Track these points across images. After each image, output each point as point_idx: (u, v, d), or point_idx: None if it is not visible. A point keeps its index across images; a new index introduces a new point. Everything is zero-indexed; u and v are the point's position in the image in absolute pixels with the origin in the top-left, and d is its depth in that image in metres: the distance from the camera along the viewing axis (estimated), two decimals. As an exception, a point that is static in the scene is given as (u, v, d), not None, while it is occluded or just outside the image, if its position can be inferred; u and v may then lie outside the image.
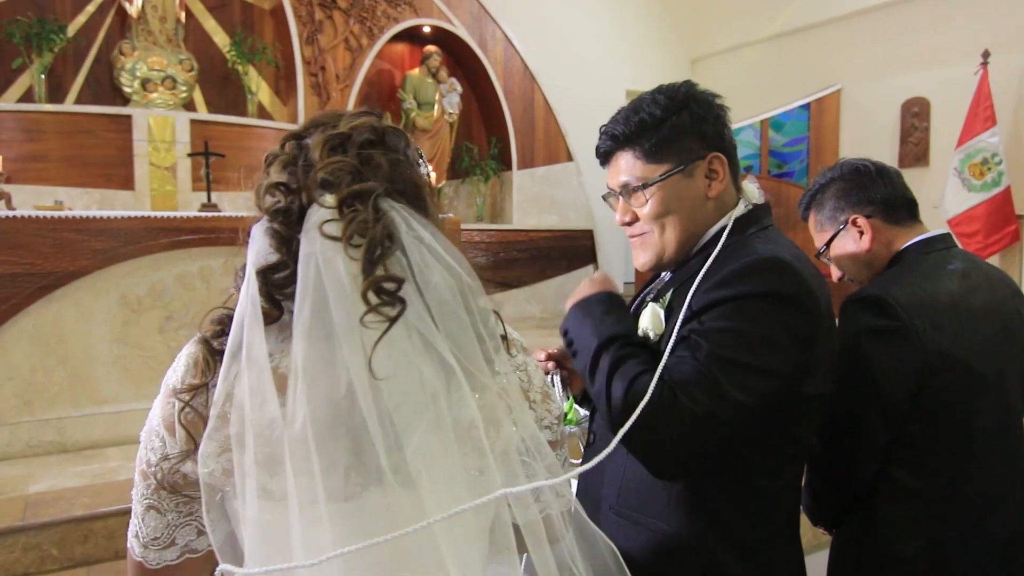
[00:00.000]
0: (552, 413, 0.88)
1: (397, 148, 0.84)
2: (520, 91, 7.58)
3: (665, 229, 1.19)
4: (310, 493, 0.71)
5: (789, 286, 1.07)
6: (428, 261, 0.75)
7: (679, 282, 1.19)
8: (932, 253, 1.52)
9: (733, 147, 1.22)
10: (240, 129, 6.29)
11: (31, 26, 5.54)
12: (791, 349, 1.05)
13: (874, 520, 1.43)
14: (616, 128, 1.21)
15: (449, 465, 0.74)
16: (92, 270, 3.43)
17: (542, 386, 0.89)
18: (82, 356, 3.46)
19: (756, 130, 8.27)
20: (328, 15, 6.72)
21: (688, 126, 1.18)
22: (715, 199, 1.19)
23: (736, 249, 1.14)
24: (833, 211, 1.62)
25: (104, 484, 2.98)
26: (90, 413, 3.47)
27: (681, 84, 1.22)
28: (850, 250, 1.59)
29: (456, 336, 0.75)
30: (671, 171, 1.17)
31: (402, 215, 0.77)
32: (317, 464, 0.71)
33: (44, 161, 5.62)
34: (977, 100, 6.31)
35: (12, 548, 2.56)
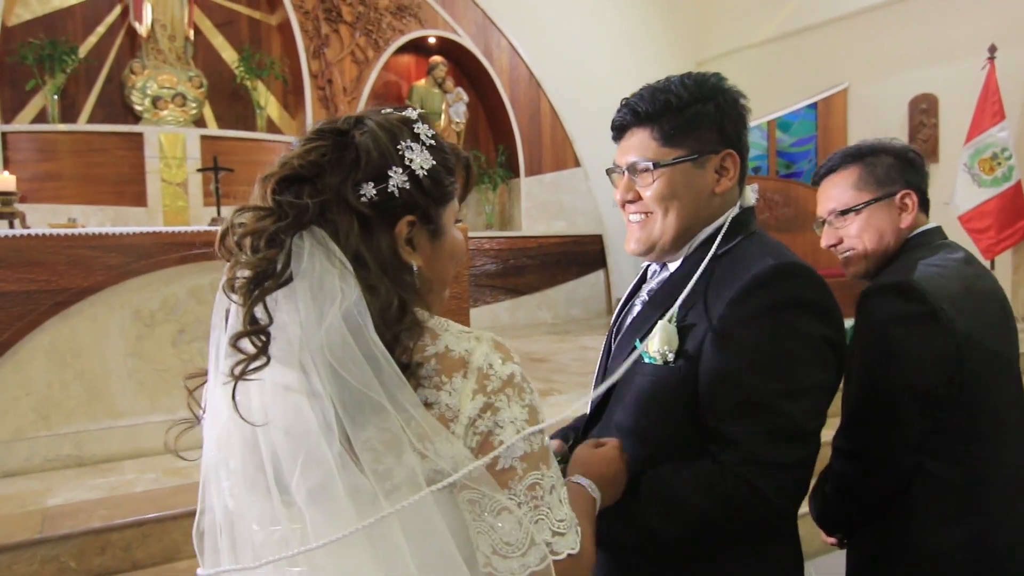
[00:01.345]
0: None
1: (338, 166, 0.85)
2: (526, 99, 7.62)
3: (667, 214, 1.16)
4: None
5: (814, 291, 1.06)
6: (320, 302, 0.79)
7: (674, 288, 1.16)
8: (934, 243, 1.54)
9: (747, 149, 1.20)
10: (250, 143, 6.38)
11: (43, 48, 5.66)
12: (829, 355, 1.07)
13: (908, 516, 1.40)
14: (640, 104, 1.18)
15: (333, 502, 0.79)
16: (106, 286, 3.48)
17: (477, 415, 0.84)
18: (98, 370, 3.51)
19: (763, 131, 8.25)
20: (334, 29, 6.80)
21: (711, 116, 1.15)
22: (720, 196, 1.17)
23: (738, 256, 1.12)
24: (886, 177, 1.56)
25: (121, 496, 3.01)
26: (106, 427, 3.51)
27: (711, 74, 1.20)
28: (883, 223, 1.55)
29: (345, 377, 0.78)
30: (684, 157, 1.15)
31: (313, 256, 0.81)
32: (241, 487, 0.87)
33: (58, 180, 5.72)
34: (985, 95, 6.27)
35: (31, 561, 2.60)
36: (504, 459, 0.82)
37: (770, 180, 8.08)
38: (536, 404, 0.87)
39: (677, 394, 1.08)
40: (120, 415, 3.55)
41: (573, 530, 0.86)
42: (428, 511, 0.79)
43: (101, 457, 3.48)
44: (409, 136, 0.89)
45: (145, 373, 3.61)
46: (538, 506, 0.83)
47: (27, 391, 3.37)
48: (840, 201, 1.58)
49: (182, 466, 3.43)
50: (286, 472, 0.81)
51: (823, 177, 1.65)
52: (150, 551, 2.77)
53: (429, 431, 0.79)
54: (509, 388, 0.84)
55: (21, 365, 3.35)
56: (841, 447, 1.46)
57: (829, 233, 1.62)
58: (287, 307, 0.80)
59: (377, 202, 0.84)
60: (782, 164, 8.43)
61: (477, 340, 0.86)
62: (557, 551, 0.83)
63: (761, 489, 1.00)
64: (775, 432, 1.01)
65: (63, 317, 3.41)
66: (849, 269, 1.63)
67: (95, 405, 3.50)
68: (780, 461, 1.01)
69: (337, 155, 0.85)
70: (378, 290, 0.80)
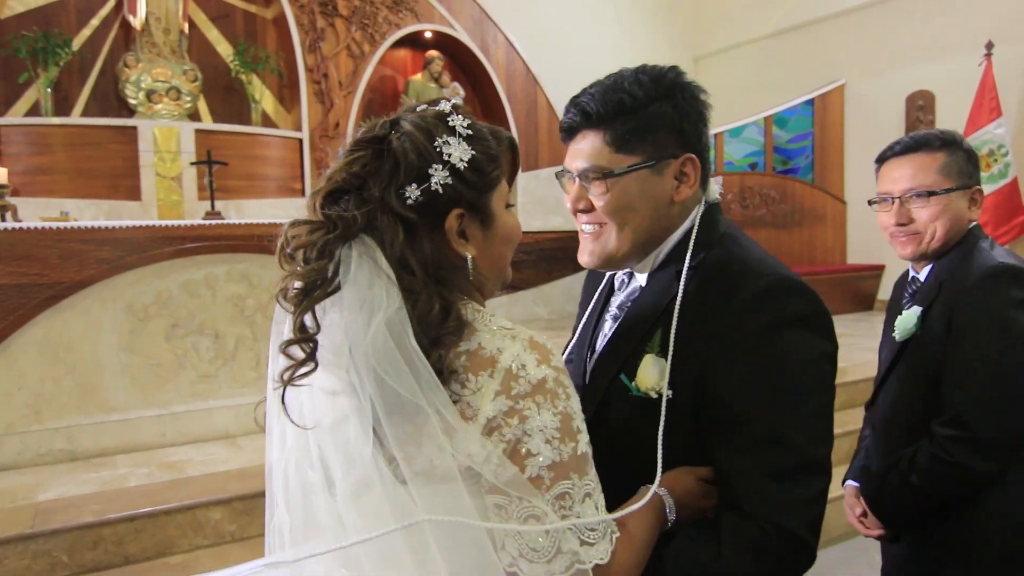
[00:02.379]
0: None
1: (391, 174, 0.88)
2: (523, 94, 7.60)
3: (623, 226, 1.07)
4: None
5: (806, 306, 1.00)
6: (374, 307, 0.82)
7: (646, 308, 1.09)
8: (985, 237, 1.60)
9: (708, 150, 1.11)
10: (245, 138, 6.34)
11: (36, 41, 5.60)
12: (829, 371, 1.02)
13: (1004, 494, 1.46)
14: (589, 104, 1.06)
15: (369, 501, 0.83)
16: (98, 279, 3.46)
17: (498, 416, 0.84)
18: (90, 365, 3.49)
19: (760, 127, 8.24)
20: (330, 23, 6.76)
21: (669, 118, 1.05)
22: (680, 203, 1.08)
23: (716, 269, 1.04)
24: (966, 169, 1.60)
25: (114, 491, 3.00)
26: (99, 421, 3.50)
27: (668, 69, 1.08)
28: (959, 212, 1.58)
29: (387, 381, 0.80)
30: (639, 165, 1.04)
31: (360, 266, 0.84)
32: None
33: (52, 174, 5.68)
34: (982, 92, 6.27)
35: (23, 555, 2.58)
36: (531, 468, 0.82)
37: (767, 176, 8.08)
38: (571, 411, 0.85)
39: (670, 425, 1.01)
40: (113, 409, 3.53)
41: (606, 540, 0.85)
42: (460, 499, 0.81)
43: (93, 452, 3.47)
44: (445, 130, 0.89)
45: (138, 368, 3.59)
46: (567, 516, 0.83)
47: (19, 385, 3.35)
48: (921, 182, 1.59)
49: (175, 460, 3.41)
50: (333, 471, 0.85)
51: (899, 155, 1.64)
52: (143, 546, 2.75)
53: (455, 427, 0.81)
54: (540, 395, 0.83)
55: (13, 359, 3.33)
56: (957, 435, 1.44)
57: (901, 211, 1.61)
58: (334, 314, 0.84)
59: (423, 202, 0.86)
60: (779, 160, 8.42)
61: (512, 339, 0.85)
62: (584, 561, 0.83)
63: (793, 530, 0.93)
64: (793, 468, 0.94)
65: (55, 311, 3.39)
66: (907, 249, 1.63)
67: (88, 399, 3.48)
68: (805, 496, 0.94)
69: (377, 163, 0.87)
70: (419, 297, 0.82)
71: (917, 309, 1.58)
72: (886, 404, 1.67)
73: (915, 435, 1.54)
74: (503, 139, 0.97)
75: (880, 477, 1.61)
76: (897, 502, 1.56)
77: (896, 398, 1.63)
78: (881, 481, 1.60)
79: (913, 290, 1.67)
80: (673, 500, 0.98)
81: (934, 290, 1.57)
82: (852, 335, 6.10)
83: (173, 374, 3.66)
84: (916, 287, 1.66)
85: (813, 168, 8.42)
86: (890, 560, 1.70)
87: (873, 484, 1.63)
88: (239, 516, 2.93)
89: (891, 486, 1.56)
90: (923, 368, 1.56)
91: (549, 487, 0.82)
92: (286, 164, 6.63)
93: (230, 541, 2.89)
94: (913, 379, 1.59)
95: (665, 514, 0.97)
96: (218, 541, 2.88)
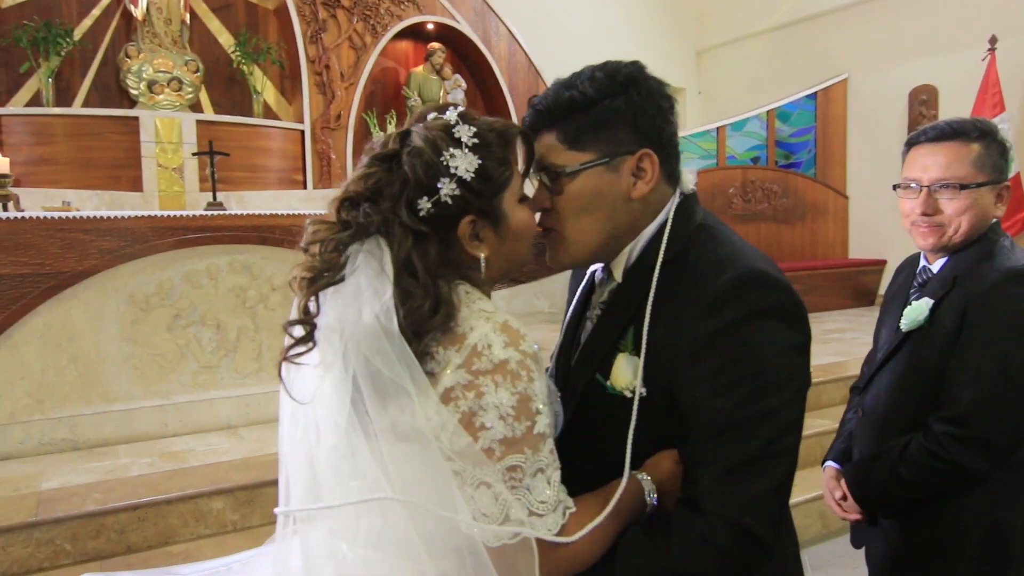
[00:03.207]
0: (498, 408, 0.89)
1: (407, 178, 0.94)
2: (524, 86, 7.59)
3: (580, 228, 1.06)
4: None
5: (776, 297, 0.98)
6: (365, 299, 0.89)
7: (621, 307, 1.08)
8: (1004, 234, 1.57)
9: (672, 144, 1.08)
10: (246, 129, 6.34)
11: (38, 30, 5.60)
12: (799, 363, 1.00)
13: (987, 493, 1.48)
14: (542, 103, 1.06)
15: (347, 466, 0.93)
16: (100, 270, 3.46)
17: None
18: (92, 355, 3.50)
19: (762, 121, 8.22)
20: (332, 14, 6.75)
21: (622, 113, 1.03)
22: (640, 200, 1.05)
23: (689, 262, 1.03)
24: (999, 164, 1.54)
25: (116, 480, 3.01)
26: (101, 411, 3.50)
27: (626, 64, 1.06)
28: (987, 207, 1.54)
29: (372, 361, 0.88)
30: (592, 162, 1.03)
31: (365, 263, 0.91)
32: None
33: (53, 164, 5.68)
34: (985, 86, 6.26)
35: (26, 543, 2.60)
36: (483, 440, 0.88)
37: (769, 170, 8.07)
38: (532, 393, 0.89)
39: (642, 422, 1.00)
40: (115, 399, 3.54)
41: (556, 514, 0.89)
42: (429, 457, 0.88)
43: (96, 441, 3.48)
44: (450, 143, 0.94)
45: (140, 358, 3.59)
46: (515, 487, 0.88)
47: (22, 375, 3.36)
48: (954, 174, 1.52)
49: (177, 450, 3.42)
50: (322, 439, 0.94)
51: (933, 140, 1.57)
52: (145, 535, 2.77)
53: (417, 394, 0.88)
54: (499, 374, 0.88)
55: (16, 349, 3.33)
56: (956, 433, 1.44)
57: (928, 201, 1.55)
58: (333, 302, 0.92)
59: (434, 213, 0.92)
60: (781, 154, 8.42)
61: (486, 320, 0.91)
62: (530, 530, 0.87)
63: (745, 526, 0.92)
64: (754, 459, 0.93)
65: (58, 301, 3.39)
66: (929, 240, 1.58)
67: (90, 389, 3.49)
68: (763, 488, 0.93)
69: (388, 179, 0.94)
70: (413, 295, 0.89)
71: (928, 301, 1.55)
72: (880, 391, 1.65)
73: (908, 426, 1.53)
74: (512, 136, 1.00)
75: (867, 465, 1.60)
76: (883, 492, 1.56)
77: (893, 387, 1.62)
78: (868, 469, 1.59)
79: (923, 280, 1.64)
80: (654, 484, 0.99)
81: (948, 284, 1.54)
82: (853, 330, 6.11)
83: (175, 364, 3.67)
84: (927, 277, 1.63)
85: (815, 162, 8.41)
86: (874, 552, 1.70)
87: (859, 471, 1.62)
88: (241, 506, 2.94)
89: (878, 475, 1.55)
90: (925, 361, 1.55)
91: (500, 458, 0.88)
92: (288, 155, 6.63)
93: (232, 531, 2.91)
94: (913, 370, 1.58)
95: (643, 497, 0.98)
96: (220, 531, 2.89)
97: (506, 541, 0.87)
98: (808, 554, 3.88)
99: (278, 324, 3.81)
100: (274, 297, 3.89)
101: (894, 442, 1.55)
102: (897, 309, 1.66)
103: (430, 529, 0.88)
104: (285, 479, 1.00)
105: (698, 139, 7.98)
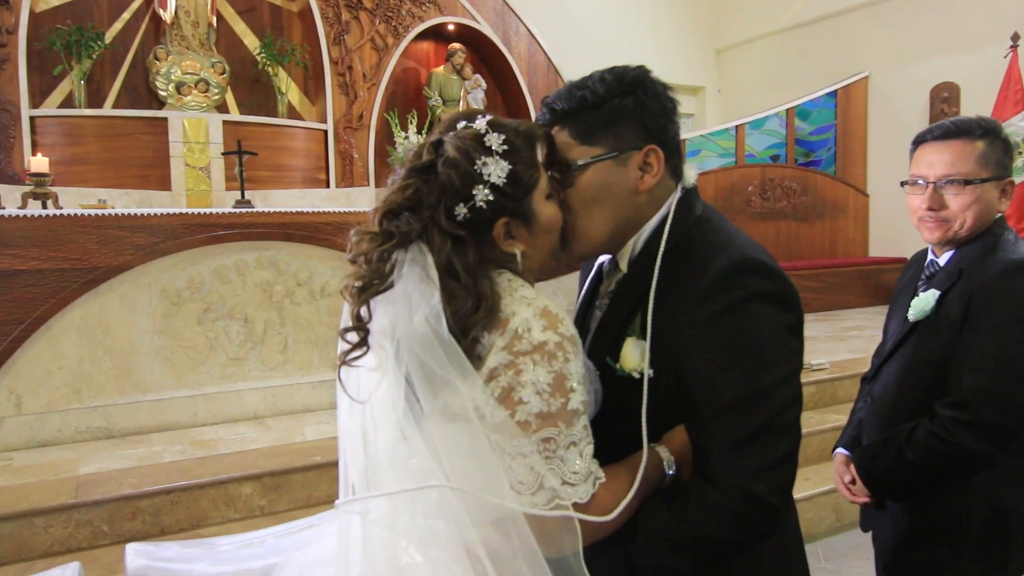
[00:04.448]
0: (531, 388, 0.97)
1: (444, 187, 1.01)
2: (544, 86, 7.64)
3: (590, 219, 1.13)
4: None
5: (771, 283, 1.05)
6: (413, 303, 0.97)
7: (628, 294, 1.15)
8: (1008, 228, 1.63)
9: (676, 142, 1.16)
10: (271, 129, 6.47)
11: (70, 34, 5.76)
12: (794, 343, 1.07)
13: (990, 476, 1.54)
14: (557, 102, 1.14)
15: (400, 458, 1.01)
16: (134, 265, 3.60)
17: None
18: (126, 347, 3.63)
19: (782, 119, 8.22)
20: (354, 15, 6.85)
21: (630, 112, 1.11)
22: (646, 192, 1.13)
23: (689, 251, 1.10)
24: (1002, 160, 1.61)
25: (150, 466, 3.13)
26: (134, 401, 3.64)
27: (634, 67, 1.15)
28: (991, 203, 1.60)
29: (424, 360, 0.95)
30: (603, 156, 1.11)
31: (411, 269, 0.98)
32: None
33: (85, 164, 5.84)
34: (1007, 84, 6.20)
35: (66, 524, 2.72)
36: (520, 414, 0.95)
37: (788, 168, 8.06)
38: (568, 372, 0.96)
39: (655, 403, 1.07)
40: (147, 390, 3.67)
41: (587, 483, 0.96)
42: (476, 435, 0.95)
43: (129, 430, 3.61)
44: (483, 152, 1.00)
45: (171, 350, 3.72)
46: (550, 457, 0.95)
47: (59, 365, 3.50)
48: (959, 170, 1.59)
49: (207, 439, 3.54)
50: (379, 436, 1.02)
51: (938, 139, 1.64)
52: (178, 517, 2.88)
53: (464, 384, 0.95)
54: (538, 354, 0.95)
55: (54, 340, 3.47)
56: (960, 417, 1.50)
57: (934, 197, 1.62)
58: (384, 306, 0.99)
59: (471, 218, 1.00)
60: (800, 152, 8.40)
61: (527, 305, 0.98)
62: (563, 498, 0.94)
63: (756, 493, 0.99)
64: (758, 432, 1.00)
65: (94, 294, 3.53)
66: (935, 235, 1.65)
67: (124, 380, 3.62)
68: (770, 459, 1.00)
69: (426, 189, 1.00)
70: (456, 296, 0.96)
71: (935, 292, 1.61)
72: (889, 380, 1.72)
73: (915, 413, 1.60)
74: (537, 137, 1.07)
75: (875, 449, 1.67)
76: (889, 474, 1.62)
77: (900, 376, 1.68)
78: (876, 453, 1.66)
79: (931, 273, 1.70)
80: (672, 456, 1.07)
81: (954, 276, 1.60)
82: (872, 327, 6.11)
83: (205, 356, 3.79)
84: (934, 270, 1.69)
85: (835, 160, 8.39)
86: (881, 535, 1.76)
87: (867, 455, 1.69)
88: (268, 491, 3.05)
89: (885, 459, 1.62)
90: (932, 350, 1.61)
91: (536, 431, 0.95)
92: (311, 155, 6.75)
93: (260, 515, 3.02)
94: (920, 359, 1.64)
95: (663, 469, 1.06)
96: (248, 515, 3.01)
97: (542, 510, 0.93)
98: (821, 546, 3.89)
99: (303, 318, 3.91)
100: (300, 292, 4.00)
101: (901, 427, 1.61)
102: (906, 301, 1.72)
103: (476, 504, 0.95)
104: (344, 464, 1.09)
105: (717, 137, 7.99)
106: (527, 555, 0.94)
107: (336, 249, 4.06)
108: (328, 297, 4.09)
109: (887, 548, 1.73)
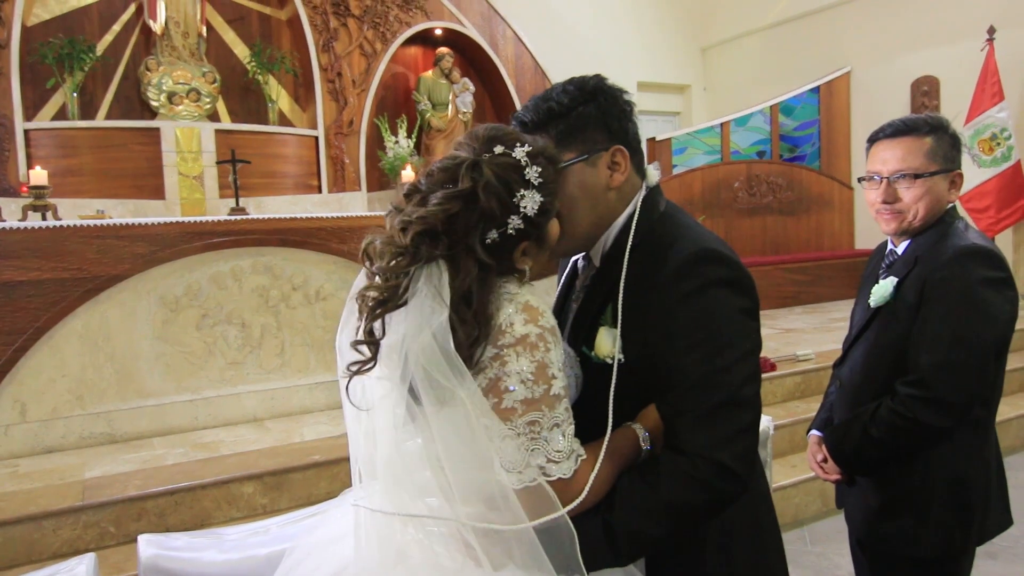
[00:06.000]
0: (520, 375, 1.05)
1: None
2: (532, 88, 7.74)
3: (572, 218, 1.22)
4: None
5: (728, 270, 1.15)
6: (424, 319, 1.02)
7: (600, 286, 1.26)
8: (959, 218, 1.77)
9: (637, 140, 1.27)
10: (263, 136, 6.55)
11: (62, 47, 5.83)
12: (751, 324, 1.18)
13: (950, 449, 1.66)
14: (525, 115, 1.25)
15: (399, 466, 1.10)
16: (133, 273, 3.68)
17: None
18: (127, 353, 3.71)
19: (766, 115, 8.34)
20: (343, 22, 6.94)
21: (594, 117, 1.22)
22: (616, 189, 1.24)
23: (653, 244, 1.20)
24: (949, 154, 1.72)
25: (153, 469, 3.22)
26: (136, 406, 3.72)
27: (591, 77, 1.26)
28: (941, 194, 1.72)
29: (431, 372, 1.01)
30: (576, 159, 1.21)
31: (425, 286, 1.02)
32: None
33: (80, 175, 5.91)
34: (984, 76, 6.35)
35: (75, 525, 2.81)
36: (507, 401, 1.04)
37: (774, 164, 8.18)
38: (549, 360, 1.05)
39: (625, 383, 1.18)
40: (149, 395, 3.75)
41: (570, 461, 1.06)
42: (468, 419, 1.04)
43: (132, 434, 3.69)
44: (522, 185, 1.07)
45: (171, 356, 3.80)
46: (535, 438, 1.05)
47: (62, 373, 3.58)
48: (909, 165, 1.72)
49: (208, 441, 3.63)
50: (381, 440, 1.10)
51: (890, 137, 1.77)
52: (182, 517, 2.97)
53: (477, 401, 1.04)
54: (520, 346, 1.04)
55: (57, 349, 3.55)
56: (918, 395, 1.61)
57: (888, 191, 1.74)
58: (396, 319, 1.04)
59: (499, 243, 1.05)
60: (785, 148, 8.53)
61: (509, 302, 1.06)
62: (549, 474, 1.05)
63: (721, 461, 1.08)
64: (721, 406, 1.09)
65: (94, 303, 3.61)
66: (891, 226, 1.77)
67: (125, 386, 3.71)
68: (732, 430, 1.10)
69: (466, 213, 1.04)
70: (466, 322, 1.02)
71: (893, 279, 1.73)
72: (855, 363, 1.83)
73: (879, 393, 1.71)
74: (558, 164, 1.16)
75: (843, 428, 1.78)
76: (857, 451, 1.74)
77: (865, 359, 1.80)
78: (844, 432, 1.77)
79: (890, 262, 1.82)
80: (647, 432, 1.16)
81: (910, 263, 1.72)
82: (858, 318, 6.22)
83: (204, 361, 3.88)
84: (893, 259, 1.81)
85: (820, 155, 8.52)
86: (852, 509, 1.87)
87: (837, 434, 1.80)
88: (269, 490, 3.14)
89: (853, 436, 1.73)
90: (892, 333, 1.72)
91: (522, 415, 1.04)
92: (303, 161, 6.83)
93: (262, 514, 3.10)
94: (882, 343, 1.75)
95: (638, 444, 1.16)
96: (250, 513, 3.09)
97: (527, 484, 1.03)
98: (808, 531, 4.01)
99: (299, 322, 4.00)
100: (295, 296, 4.09)
101: (866, 406, 1.73)
102: (869, 289, 1.83)
103: (468, 482, 1.05)
104: (355, 458, 1.18)
105: (703, 135, 8.11)
106: (516, 531, 1.03)
107: (330, 253, 4.15)
108: (323, 301, 4.18)
109: (858, 521, 1.84)
